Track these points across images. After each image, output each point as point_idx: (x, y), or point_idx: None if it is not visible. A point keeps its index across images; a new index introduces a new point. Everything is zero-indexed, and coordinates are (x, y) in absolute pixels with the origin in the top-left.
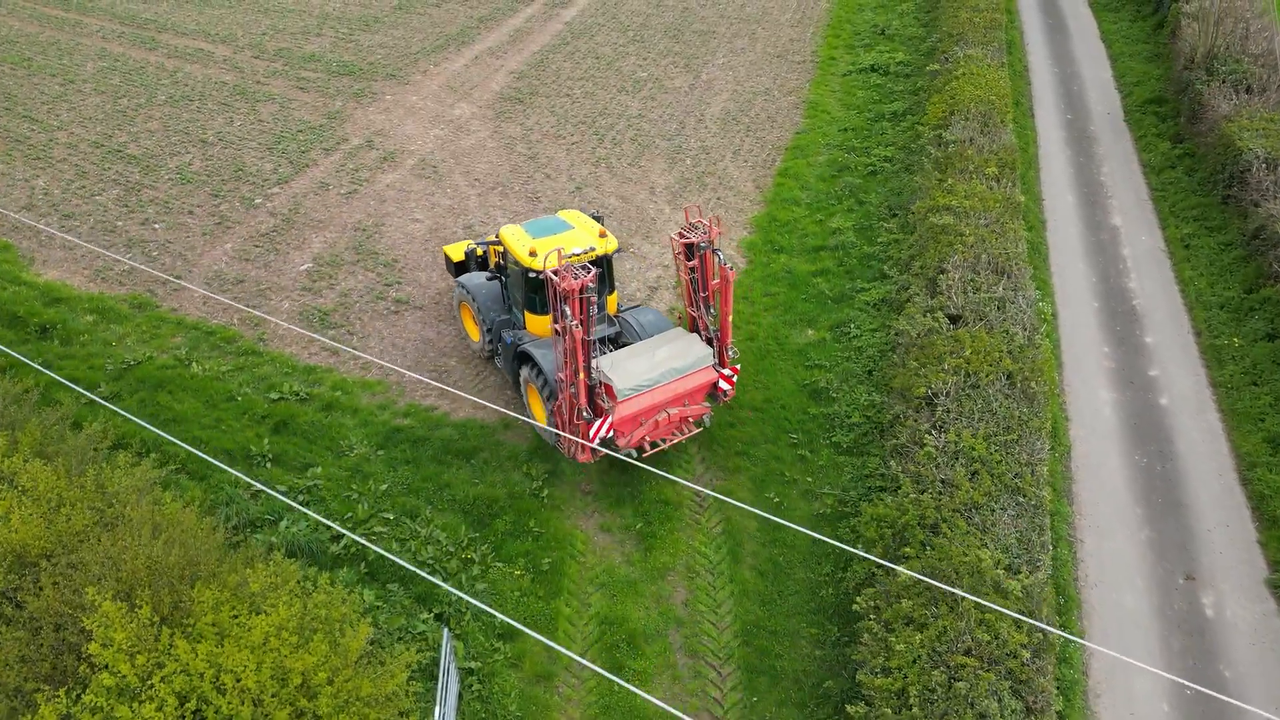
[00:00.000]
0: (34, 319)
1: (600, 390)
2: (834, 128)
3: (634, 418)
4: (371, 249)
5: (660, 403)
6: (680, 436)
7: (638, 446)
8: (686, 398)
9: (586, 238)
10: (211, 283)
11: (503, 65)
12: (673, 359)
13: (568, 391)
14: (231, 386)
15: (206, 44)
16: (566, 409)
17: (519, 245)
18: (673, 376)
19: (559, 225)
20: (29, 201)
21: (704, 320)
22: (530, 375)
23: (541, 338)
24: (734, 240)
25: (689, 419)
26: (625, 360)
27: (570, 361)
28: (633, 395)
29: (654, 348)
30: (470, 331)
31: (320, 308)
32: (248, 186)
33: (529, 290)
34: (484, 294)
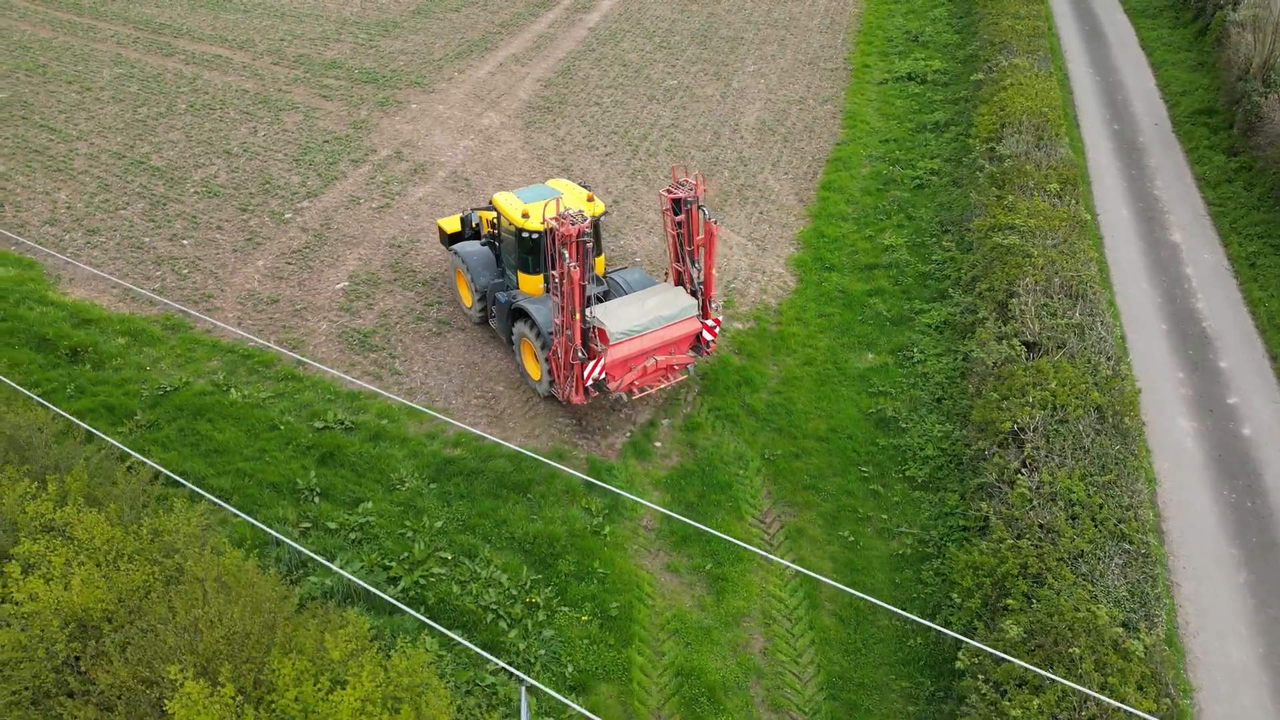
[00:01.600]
0: (64, 342)
1: (593, 334)
2: (874, 139)
3: (624, 361)
4: (408, 267)
5: (649, 348)
6: (666, 383)
7: (627, 390)
8: (673, 346)
9: (574, 201)
10: (245, 303)
11: (529, 73)
12: (660, 308)
13: (563, 335)
14: (273, 414)
15: (224, 50)
16: (562, 353)
17: (512, 209)
18: (660, 324)
19: (549, 192)
20: (51, 215)
21: (689, 274)
22: (526, 330)
23: (534, 295)
24: (781, 257)
25: (674, 367)
26: (617, 308)
27: (567, 304)
28: (624, 339)
29: (643, 298)
30: (464, 297)
31: (360, 329)
32: (276, 200)
33: (522, 251)
34: (476, 259)
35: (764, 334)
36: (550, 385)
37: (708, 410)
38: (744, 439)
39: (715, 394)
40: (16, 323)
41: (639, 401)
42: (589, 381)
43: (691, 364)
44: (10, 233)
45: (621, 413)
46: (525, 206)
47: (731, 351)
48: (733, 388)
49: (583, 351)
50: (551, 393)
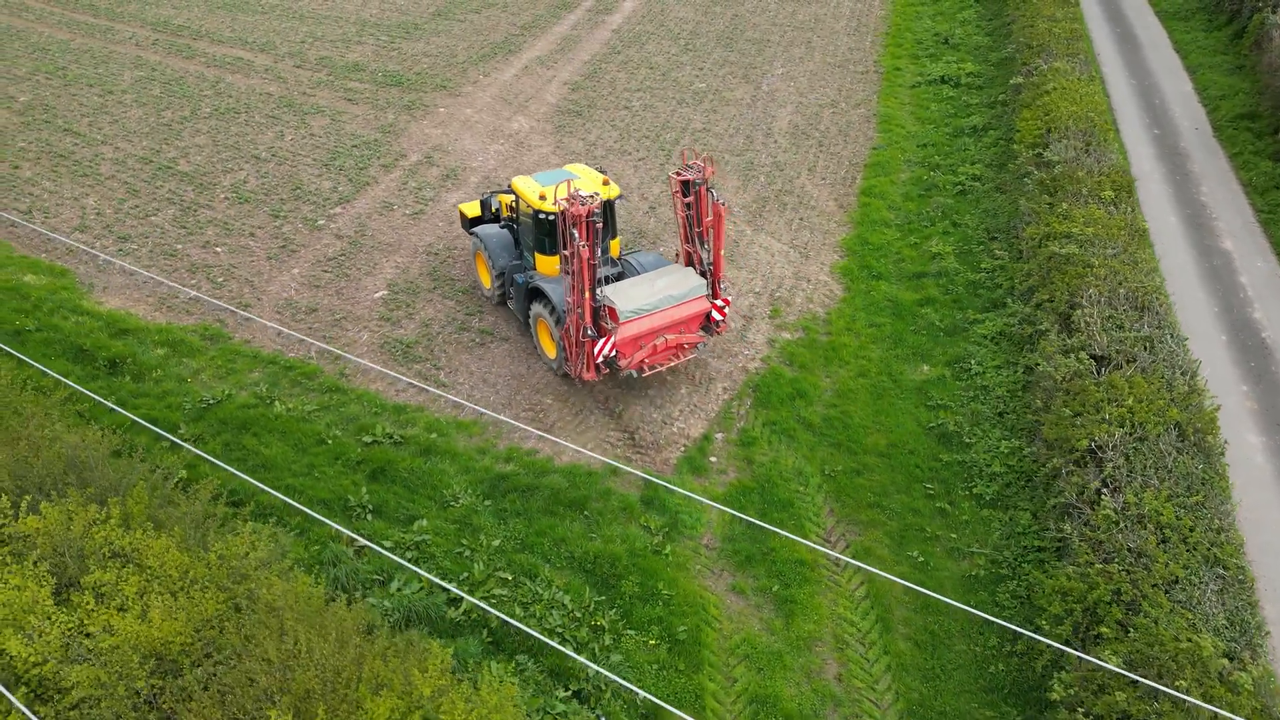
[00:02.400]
0: (102, 353)
1: (604, 313)
2: (911, 143)
3: (634, 339)
4: (447, 275)
5: (659, 327)
6: (675, 361)
7: (637, 368)
8: (682, 325)
9: (590, 184)
10: (283, 312)
11: (555, 75)
12: (670, 288)
13: (575, 313)
14: (320, 428)
15: (245, 52)
16: (574, 330)
17: (530, 191)
18: (670, 303)
19: (566, 175)
20: (81, 222)
21: (699, 255)
22: (541, 309)
23: (551, 276)
24: (825, 265)
25: (684, 346)
26: (627, 288)
27: (578, 283)
28: (634, 318)
29: (654, 278)
30: (484, 279)
31: (402, 339)
32: (309, 206)
33: (539, 233)
34: (495, 242)
35: (814, 344)
36: (564, 363)
37: (762, 424)
38: (802, 454)
39: (769, 407)
40: (52, 333)
41: (691, 415)
42: (600, 359)
43: (701, 342)
44: (42, 237)
45: (673, 426)
46: (542, 189)
47: (782, 363)
48: (787, 401)
49: (593, 329)
50: (565, 370)
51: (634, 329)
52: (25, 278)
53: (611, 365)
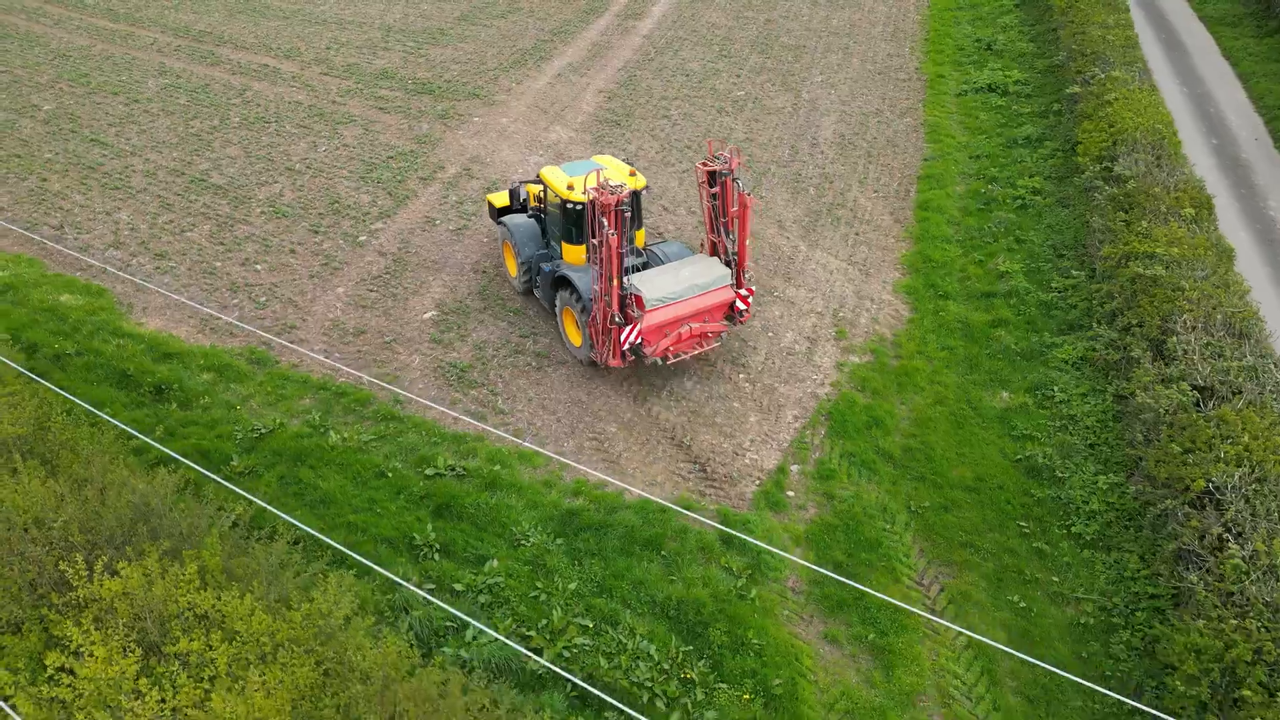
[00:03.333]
0: (146, 378)
1: (631, 301)
2: (963, 154)
3: (660, 328)
4: (496, 294)
5: (684, 315)
6: (699, 349)
7: (662, 356)
8: (707, 314)
9: (618, 175)
10: (330, 334)
11: (589, 83)
12: (695, 277)
13: (602, 301)
14: (378, 460)
15: (271, 59)
16: (600, 318)
17: (558, 181)
18: (695, 292)
19: (593, 166)
20: (115, 239)
21: (724, 244)
22: (567, 297)
23: (577, 265)
24: (888, 283)
25: (708, 334)
26: (653, 276)
27: (606, 271)
28: (660, 306)
29: (679, 268)
30: (511, 268)
31: (456, 363)
32: (348, 221)
33: (567, 222)
34: (522, 231)
35: (884, 369)
36: (590, 351)
37: (839, 455)
38: (884, 488)
39: (845, 436)
40: (94, 357)
41: (763, 446)
42: (625, 346)
43: (724, 331)
44: (76, 256)
45: (746, 457)
46: (570, 179)
47: (854, 388)
48: (863, 430)
49: (620, 317)
50: (591, 358)
51: (659, 317)
52: (61, 298)
53: (637, 352)
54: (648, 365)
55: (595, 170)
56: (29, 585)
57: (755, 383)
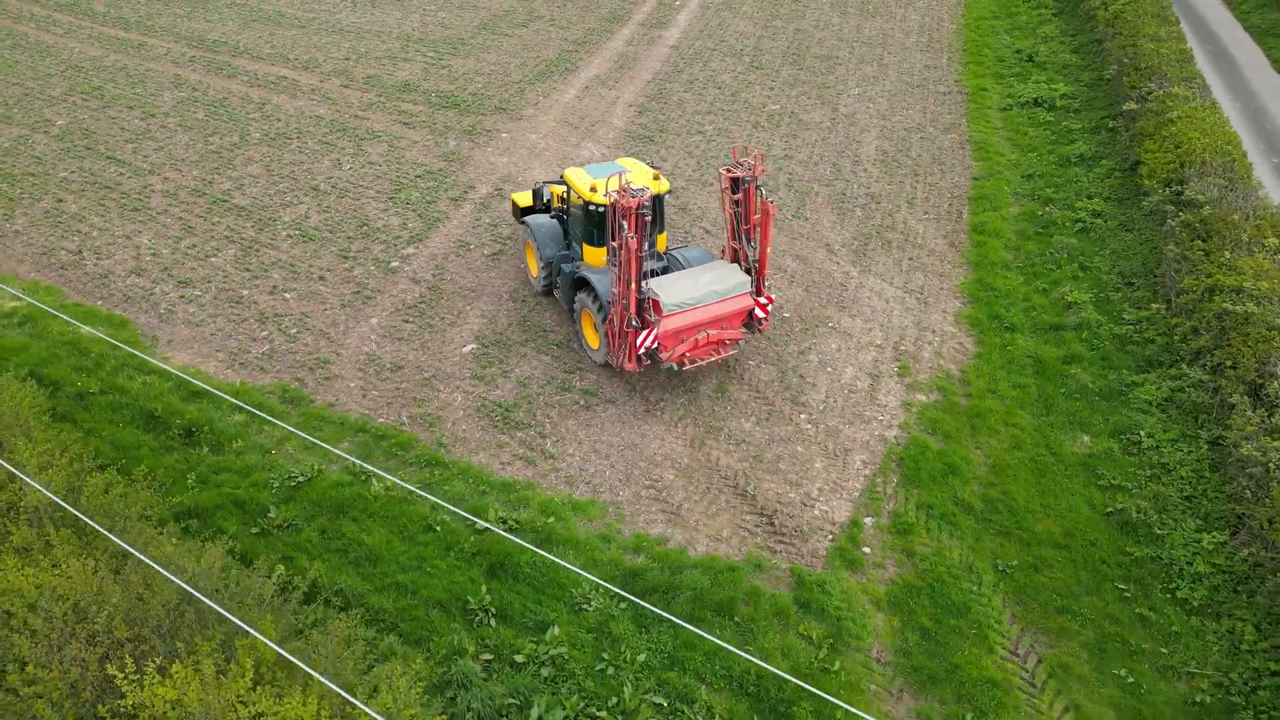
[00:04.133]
0: (175, 420)
1: (649, 305)
2: (1014, 173)
3: (677, 333)
4: (538, 324)
5: (701, 321)
6: (716, 357)
7: (679, 361)
8: (725, 321)
9: (641, 179)
10: (366, 369)
11: (619, 97)
12: (714, 283)
13: (619, 304)
14: (425, 511)
15: (289, 71)
16: (618, 321)
17: (581, 183)
18: (713, 299)
19: (617, 169)
20: (136, 264)
21: (744, 252)
22: (586, 299)
23: (597, 267)
24: (948, 314)
25: (726, 342)
26: (673, 282)
27: (624, 274)
28: (677, 311)
29: (698, 274)
30: (532, 268)
31: (500, 402)
32: (379, 246)
33: (589, 224)
34: (544, 232)
35: (954, 409)
36: (607, 354)
37: (915, 506)
38: (967, 544)
39: (920, 485)
40: (119, 395)
41: (833, 495)
42: (641, 350)
43: (742, 339)
44: (97, 283)
45: (815, 509)
46: (594, 181)
47: (924, 431)
48: (939, 478)
49: (637, 320)
50: (608, 361)
51: (677, 322)
52: (83, 330)
53: (653, 357)
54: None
55: (618, 173)
56: (71, 690)
57: (818, 424)
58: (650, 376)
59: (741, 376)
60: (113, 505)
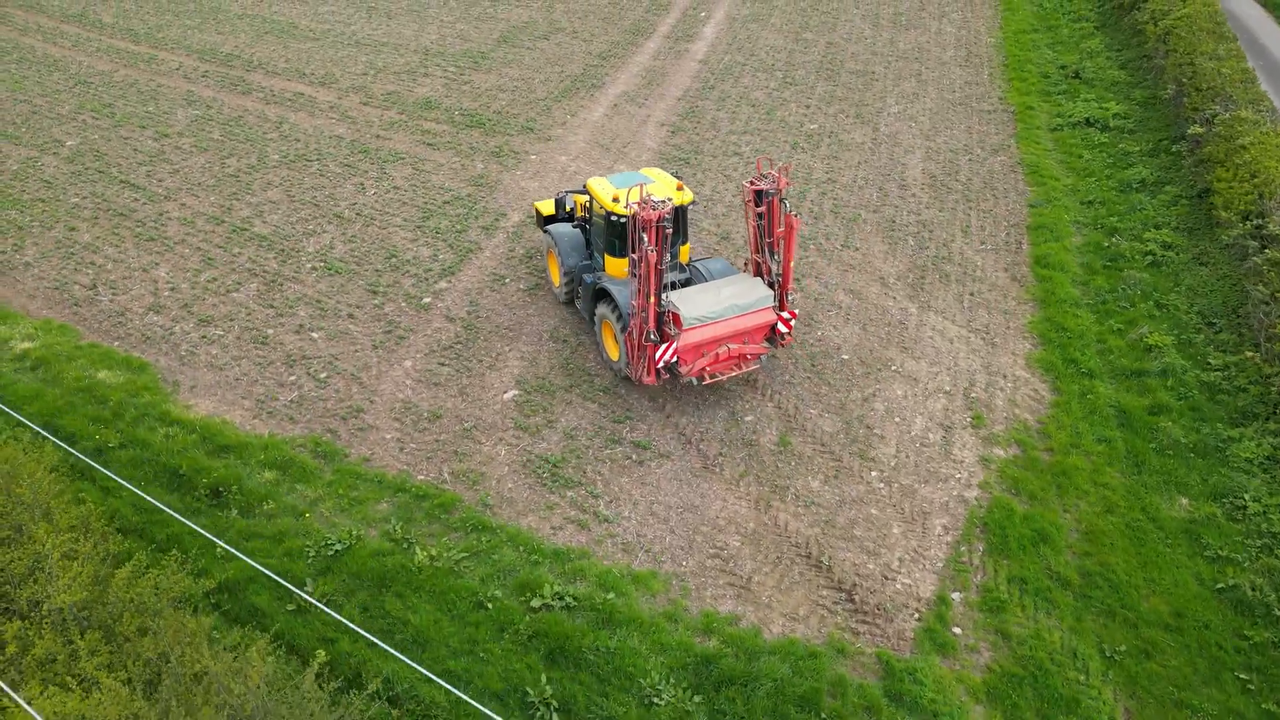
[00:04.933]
0: (202, 478)
1: (668, 318)
2: (1072, 199)
3: (697, 347)
4: (581, 368)
5: (722, 336)
6: (737, 371)
7: (698, 376)
8: (746, 335)
9: (665, 190)
10: (402, 418)
11: (649, 115)
12: (736, 297)
13: (639, 317)
14: (474, 585)
15: (305, 87)
16: (637, 334)
17: (604, 193)
18: (735, 313)
19: (641, 179)
20: (154, 300)
21: (767, 265)
22: (606, 310)
23: (619, 278)
24: (1019, 356)
25: (747, 356)
26: (693, 295)
27: (644, 287)
28: (697, 325)
29: (720, 287)
30: (554, 277)
31: (546, 456)
32: (409, 279)
33: (610, 234)
34: (566, 241)
35: (1036, 465)
36: (626, 366)
37: (1006, 579)
38: (1068, 625)
39: (1009, 556)
40: (140, 450)
41: (914, 566)
42: (660, 364)
43: (765, 353)
44: (112, 319)
45: (897, 582)
46: (616, 191)
47: (1007, 491)
48: (1028, 546)
49: (656, 334)
50: (626, 373)
51: (697, 336)
52: (99, 374)
53: (672, 371)
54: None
55: (641, 183)
56: None
57: (891, 483)
58: (704, 426)
59: (804, 427)
60: (143, 598)
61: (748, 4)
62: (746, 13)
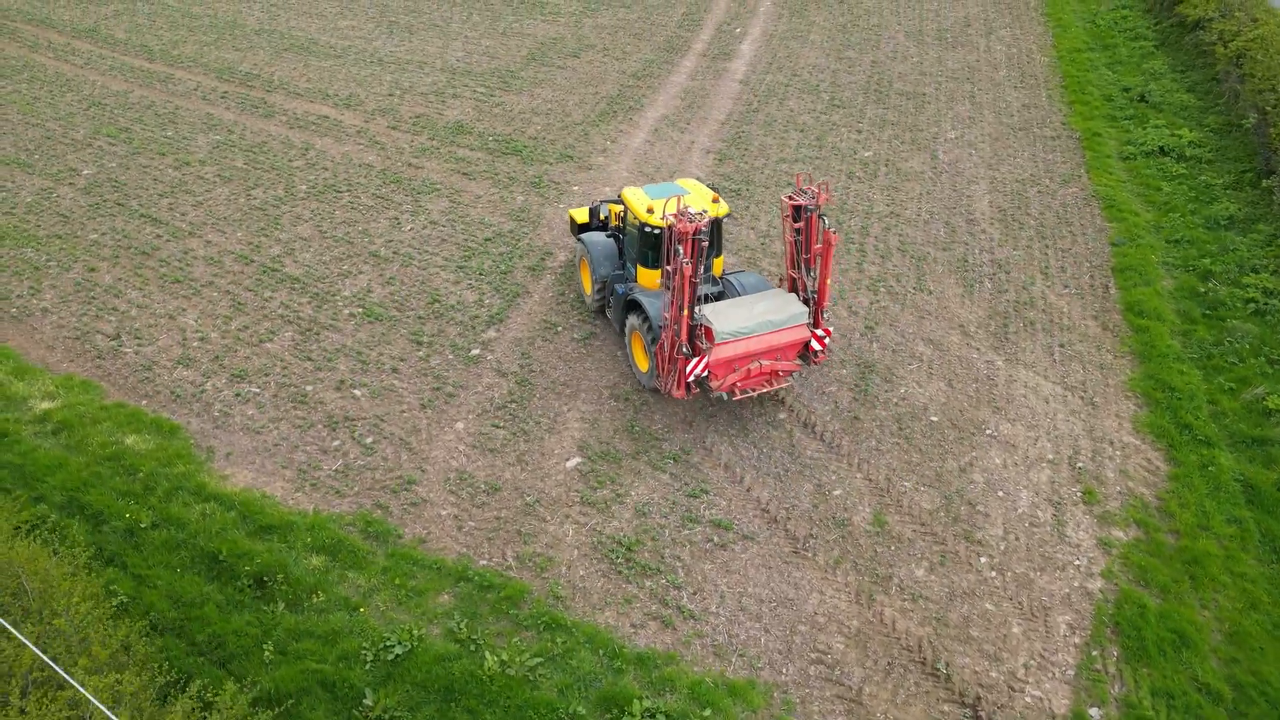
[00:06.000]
0: (244, 565)
1: (700, 332)
2: (1156, 237)
3: (728, 362)
4: (648, 431)
5: (754, 351)
6: (768, 388)
7: (729, 390)
8: (779, 351)
9: (700, 201)
10: (458, 491)
11: (693, 141)
12: (770, 312)
13: (670, 330)
14: (552, 698)
15: (329, 109)
16: (668, 346)
17: (638, 203)
18: (768, 329)
19: (676, 190)
20: (183, 352)
21: (804, 282)
22: (637, 322)
23: (650, 289)
24: (1124, 419)
25: (779, 373)
26: (726, 309)
27: (677, 300)
28: (729, 340)
29: (754, 302)
30: (586, 285)
31: (619, 538)
32: (454, 328)
33: (643, 245)
34: (599, 250)
35: (1162, 551)
36: (655, 378)
37: (1150, 692)
38: None
39: (1147, 661)
40: (175, 530)
41: (1042, 674)
42: (691, 378)
43: (796, 369)
44: (139, 374)
45: (1025, 694)
46: (651, 202)
47: (1134, 583)
48: (1168, 651)
49: (687, 347)
50: (655, 386)
51: (729, 351)
52: (127, 439)
53: (702, 385)
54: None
55: (677, 195)
56: None
57: (1003, 570)
58: (789, 501)
59: (899, 503)
60: None
61: (784, 20)
62: (784, 29)
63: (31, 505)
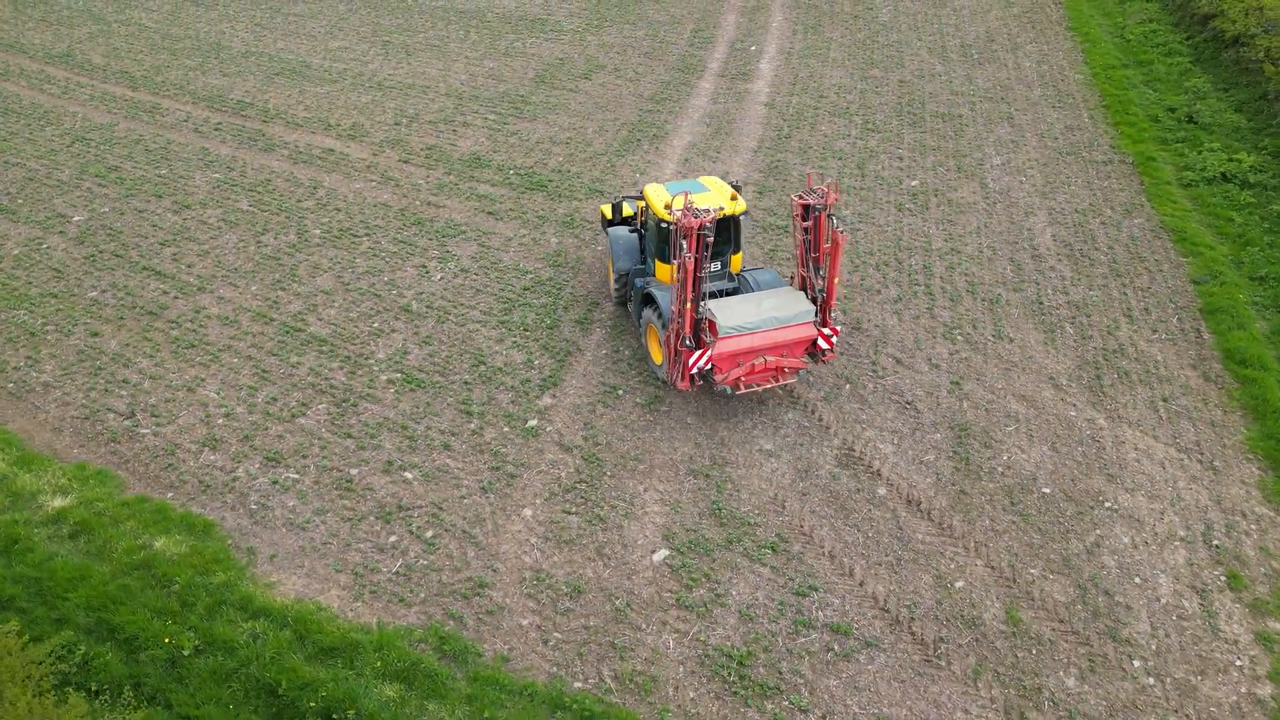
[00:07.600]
0: (306, 698)
1: (705, 325)
2: (1238, 274)
3: (732, 356)
4: (736, 513)
5: (759, 347)
6: (774, 384)
7: (733, 385)
8: (785, 348)
9: (718, 199)
10: (537, 596)
11: (727, 172)
12: (776, 309)
13: (675, 322)
14: None
15: (333, 141)
16: (674, 339)
17: (657, 200)
18: (774, 325)
19: (697, 187)
20: (208, 432)
21: (812, 280)
22: (651, 314)
23: (666, 283)
24: (1251, 487)
25: (785, 370)
26: (733, 304)
27: (682, 293)
28: (734, 334)
29: (761, 298)
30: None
31: (727, 650)
32: (505, 394)
33: (661, 240)
34: (620, 244)
35: None
36: (668, 370)
37: None
38: None
39: None
40: (223, 657)
41: None
42: (694, 370)
43: (803, 368)
44: (160, 460)
45: None
46: (669, 198)
47: None
48: None
49: (691, 340)
50: (667, 378)
51: (732, 345)
52: (156, 543)
53: (706, 378)
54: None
55: (687, 191)
56: None
57: (1161, 676)
58: (909, 598)
59: (1029, 594)
60: None
61: (800, 36)
62: (802, 46)
63: (55, 629)
